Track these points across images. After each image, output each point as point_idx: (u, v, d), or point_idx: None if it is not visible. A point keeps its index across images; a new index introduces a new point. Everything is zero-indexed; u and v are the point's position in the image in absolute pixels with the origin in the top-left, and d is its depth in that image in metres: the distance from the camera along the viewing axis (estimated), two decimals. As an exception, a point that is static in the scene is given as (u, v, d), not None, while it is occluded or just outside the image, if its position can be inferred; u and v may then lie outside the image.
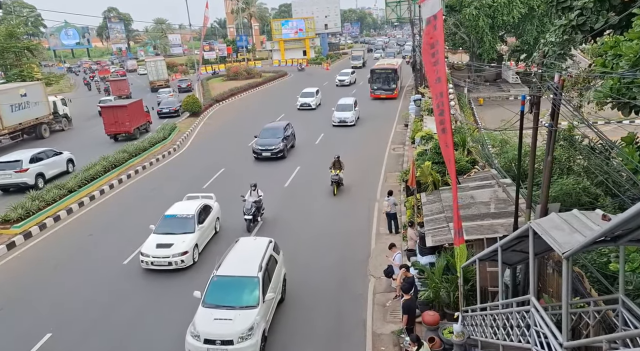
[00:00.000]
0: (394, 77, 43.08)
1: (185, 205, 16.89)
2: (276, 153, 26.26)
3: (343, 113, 33.75)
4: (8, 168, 22.52)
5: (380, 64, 46.86)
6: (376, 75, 43.71)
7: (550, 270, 9.81)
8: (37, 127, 34.53)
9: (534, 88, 10.02)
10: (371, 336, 11.64)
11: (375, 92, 43.27)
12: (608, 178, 12.09)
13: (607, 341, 4.75)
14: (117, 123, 31.96)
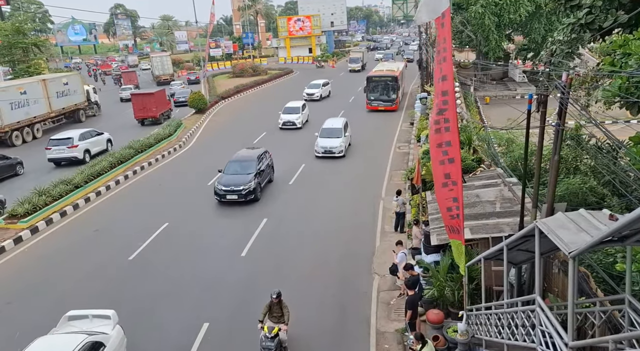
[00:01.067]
0: (394, 86, 37.15)
1: None
2: (245, 195, 19.43)
3: (329, 140, 25.67)
4: (62, 144, 26.46)
5: (378, 70, 41.04)
6: (373, 84, 37.46)
7: (556, 269, 9.76)
8: (75, 112, 38.89)
9: (541, 87, 9.97)
10: (375, 334, 11.65)
11: (372, 103, 37.25)
12: (615, 178, 12.01)
13: (613, 341, 4.72)
14: (145, 109, 35.63)
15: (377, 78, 37.67)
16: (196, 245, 16.55)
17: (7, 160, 25.01)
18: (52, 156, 26.51)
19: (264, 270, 14.69)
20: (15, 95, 31.52)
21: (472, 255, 10.77)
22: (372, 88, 37.46)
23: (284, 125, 33.26)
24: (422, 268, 12.59)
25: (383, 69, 40.90)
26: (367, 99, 37.46)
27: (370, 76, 38.14)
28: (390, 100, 37.04)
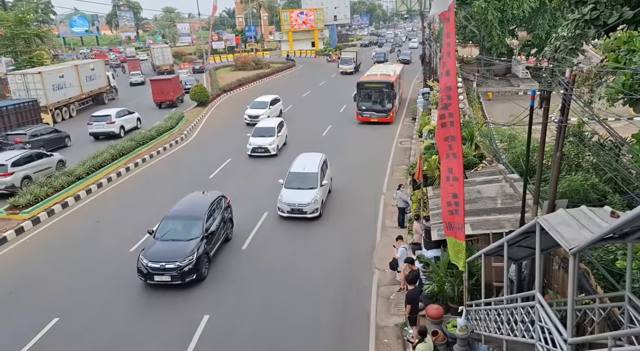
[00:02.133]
0: (389, 94, 31.47)
1: None
2: (179, 276, 13.06)
3: (299, 193, 17.52)
4: (101, 120, 30.69)
5: (372, 74, 34.94)
6: (365, 91, 31.87)
7: (556, 266, 9.78)
8: (99, 95, 42.81)
9: (545, 83, 9.94)
10: (374, 328, 11.69)
11: (363, 113, 31.89)
12: (617, 175, 12.00)
13: (612, 338, 4.73)
14: (163, 93, 39.57)
15: (370, 84, 32.06)
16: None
17: (58, 133, 28.84)
18: (93, 130, 30.58)
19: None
20: (56, 79, 36.37)
21: (473, 251, 10.78)
22: (363, 96, 32.05)
23: (253, 152, 25.16)
24: (423, 264, 12.61)
25: (377, 73, 34.64)
26: (358, 109, 32.09)
27: (361, 82, 32.32)
28: (385, 111, 31.59)
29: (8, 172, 20.13)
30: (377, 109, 31.69)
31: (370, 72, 36.23)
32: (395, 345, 11.12)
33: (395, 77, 33.54)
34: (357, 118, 32.16)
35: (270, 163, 24.38)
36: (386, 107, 31.63)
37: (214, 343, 11.18)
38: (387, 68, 38.23)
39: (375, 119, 31.61)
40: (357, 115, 32.14)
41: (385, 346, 11.07)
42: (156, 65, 63.78)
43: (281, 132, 26.95)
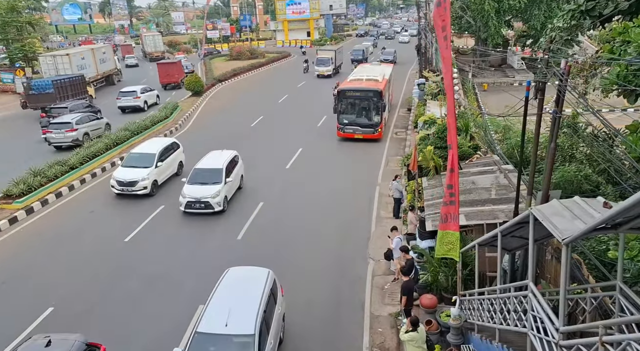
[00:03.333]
0: (377, 105, 25.14)
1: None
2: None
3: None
4: (129, 95, 35.14)
5: (356, 79, 28.16)
6: (347, 101, 25.74)
7: (549, 256, 9.86)
8: (110, 76, 47.35)
9: (540, 74, 9.94)
10: (369, 318, 11.78)
11: (345, 128, 25.69)
12: (610, 166, 12.07)
13: (603, 327, 4.78)
14: (168, 75, 43.26)
15: (353, 92, 25.70)
16: (191, 226, 16.58)
17: (92, 108, 31.54)
18: (121, 104, 34.89)
19: (260, 254, 14.78)
20: (79, 60, 40.94)
21: (467, 242, 10.85)
22: (345, 108, 25.80)
23: (187, 208, 17.29)
24: (417, 254, 12.68)
25: (362, 78, 27.89)
26: (339, 122, 25.83)
27: (342, 90, 25.73)
28: (372, 126, 25.35)
29: (74, 127, 26.18)
30: (362, 123, 25.52)
31: (353, 76, 29.32)
32: (389, 334, 11.21)
33: (384, 83, 26.97)
34: (337, 134, 25.95)
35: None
36: (373, 121, 25.41)
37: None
38: (375, 70, 31.08)
39: (359, 136, 25.50)
40: (338, 131, 25.94)
41: (379, 336, 11.16)
42: (148, 52, 67.02)
43: (233, 174, 18.41)
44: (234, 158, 19.08)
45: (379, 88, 25.35)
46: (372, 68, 33.11)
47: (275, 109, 34.62)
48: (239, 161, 19.54)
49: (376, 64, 37.52)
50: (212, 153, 19.26)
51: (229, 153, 19.09)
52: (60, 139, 26.02)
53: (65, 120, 26.52)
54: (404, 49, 67.51)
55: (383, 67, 33.29)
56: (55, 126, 26.18)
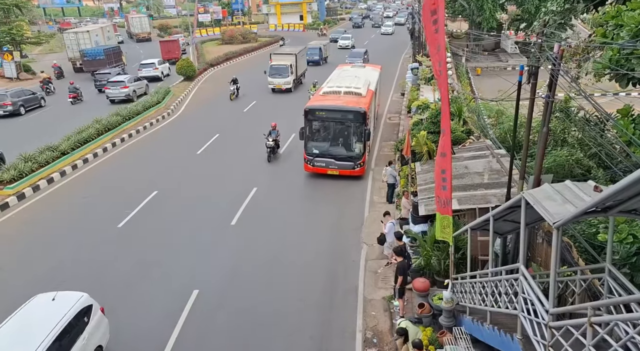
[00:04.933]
0: (358, 129, 18.61)
1: None
2: None
3: None
4: (148, 67, 40.24)
5: (330, 93, 20.51)
6: (318, 124, 19.40)
7: (540, 239, 9.98)
8: None
9: (533, 58, 9.94)
10: (362, 301, 11.90)
11: (315, 161, 18.92)
12: (601, 150, 12.16)
13: (592, 308, 4.87)
14: (169, 51, 47.83)
15: (326, 113, 18.84)
16: (186, 212, 16.58)
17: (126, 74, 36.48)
18: (143, 75, 38.19)
19: (254, 236, 14.84)
20: (95, 37, 46.59)
21: (459, 226, 10.93)
22: (315, 133, 19.35)
23: None
24: (410, 238, 12.78)
25: (340, 90, 20.35)
26: (307, 152, 19.01)
27: (311, 109, 18.81)
28: (351, 158, 18.67)
29: (126, 85, 32.54)
30: (338, 155, 18.74)
31: (328, 87, 21.22)
32: (382, 317, 11.34)
33: (369, 97, 20.10)
34: (305, 168, 19.23)
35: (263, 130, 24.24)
36: (354, 152, 18.67)
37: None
38: (358, 76, 22.76)
39: (334, 171, 18.74)
40: (305, 163, 19.07)
41: (372, 319, 11.29)
42: (134, 33, 68.77)
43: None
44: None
45: (361, 109, 18.20)
46: (354, 73, 24.11)
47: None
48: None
49: (359, 65, 28.67)
50: None
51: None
52: (116, 94, 32.35)
53: (119, 79, 33.16)
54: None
55: (368, 71, 25.33)
56: (112, 84, 32.66)
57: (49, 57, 54.84)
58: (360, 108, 18.33)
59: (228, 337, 10.70)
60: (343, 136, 19.09)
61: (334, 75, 25.36)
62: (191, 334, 10.76)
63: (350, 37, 58.91)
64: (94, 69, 40.21)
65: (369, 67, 27.34)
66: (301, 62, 37.69)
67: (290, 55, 35.55)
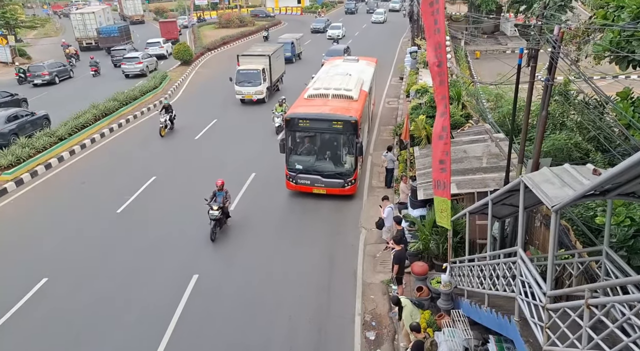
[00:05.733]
0: (348, 142, 15.93)
1: None
2: None
3: None
4: (155, 45, 42.94)
5: (318, 95, 17.61)
6: (301, 135, 16.67)
7: (538, 223, 10.02)
8: None
9: (533, 41, 9.85)
10: (361, 285, 11.99)
11: (299, 179, 16.33)
12: (600, 133, 12.14)
13: (589, 290, 4.91)
14: (169, 31, 49.92)
15: (310, 122, 16.06)
16: (184, 198, 16.59)
17: (137, 51, 39.07)
18: (150, 52, 40.13)
19: (255, 221, 14.88)
20: (99, 18, 49.39)
21: (458, 210, 10.97)
22: (298, 145, 16.69)
23: None
24: (409, 223, 12.82)
25: (327, 93, 17.47)
26: (288, 168, 16.38)
27: (293, 117, 16.05)
28: (341, 174, 16.03)
29: (140, 61, 35.58)
30: (325, 170, 16.09)
31: (314, 89, 18.04)
32: (381, 300, 11.45)
33: (362, 101, 17.43)
34: (287, 186, 16.64)
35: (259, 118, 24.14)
36: (343, 167, 16.04)
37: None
38: (350, 74, 20.04)
39: (320, 189, 16.18)
40: (287, 180, 16.51)
41: (371, 302, 11.40)
42: (127, 15, 68.28)
43: None
44: None
45: (351, 118, 15.48)
46: (345, 70, 21.10)
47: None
48: None
49: (352, 59, 24.67)
50: None
51: None
52: (131, 69, 35.28)
53: (134, 55, 36.01)
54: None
55: (362, 67, 22.60)
56: (127, 60, 35.63)
57: (44, 41, 54.31)
58: (350, 117, 15.53)
59: (228, 320, 10.80)
60: (331, 149, 16.37)
61: (322, 72, 22.50)
62: (191, 318, 10.85)
63: (340, 26, 51.83)
64: (109, 45, 44.07)
65: (363, 62, 24.07)
66: (277, 64, 30.41)
67: (263, 57, 28.38)
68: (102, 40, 46.47)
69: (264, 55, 28.51)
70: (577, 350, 5.01)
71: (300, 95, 18.83)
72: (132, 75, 35.03)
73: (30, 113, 23.08)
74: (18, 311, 11.17)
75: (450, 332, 8.84)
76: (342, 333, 10.43)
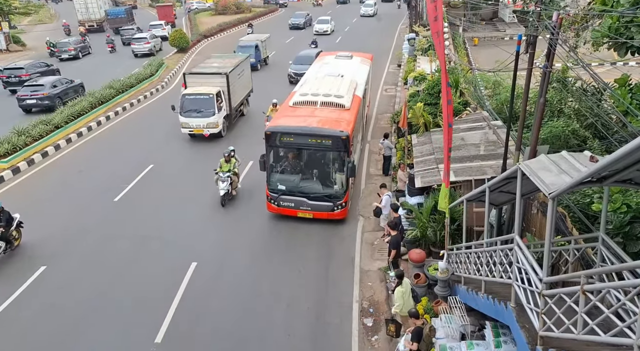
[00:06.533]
0: (338, 159, 13.83)
1: None
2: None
3: None
4: (157, 27, 45.26)
5: (304, 102, 15.34)
6: (284, 152, 14.54)
7: (535, 210, 10.06)
8: None
9: (531, 27, 9.79)
10: (359, 272, 12.06)
11: (282, 200, 14.15)
12: (598, 120, 12.14)
13: (585, 276, 4.94)
14: (166, 15, 52.57)
15: (294, 138, 13.91)
16: (182, 186, 16.57)
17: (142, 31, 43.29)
18: (155, 34, 42.38)
19: (250, 208, 14.89)
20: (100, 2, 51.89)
21: (455, 197, 11.00)
22: (280, 162, 14.69)
23: None
24: (406, 210, 12.86)
25: (316, 100, 15.31)
26: (269, 188, 14.31)
27: (275, 131, 13.90)
28: (330, 196, 14.01)
29: (148, 41, 38.63)
30: (311, 192, 14.00)
31: (301, 95, 15.94)
32: (378, 287, 11.52)
33: (355, 110, 15.32)
34: (268, 208, 14.54)
35: (253, 112, 23.92)
36: (332, 188, 13.99)
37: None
38: (341, 73, 18.17)
39: (306, 213, 14.13)
40: (268, 202, 14.39)
41: (369, 289, 11.47)
42: (120, 1, 69.28)
43: None
44: None
45: (342, 133, 13.39)
46: (337, 69, 18.93)
47: None
48: None
49: (345, 55, 21.64)
50: None
51: None
52: (140, 49, 38.13)
53: (143, 36, 39.30)
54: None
55: (356, 66, 20.32)
56: (136, 40, 38.62)
57: (39, 28, 53.77)
58: (341, 132, 13.39)
59: (226, 307, 10.86)
60: (318, 167, 14.45)
61: (311, 72, 19.82)
62: (190, 305, 10.91)
63: (329, 20, 46.76)
64: (117, 26, 48.22)
65: (357, 59, 21.44)
66: (240, 83, 22.99)
67: (218, 76, 21.16)
68: (110, 21, 50.58)
69: (220, 74, 21.15)
70: (573, 335, 5.06)
71: (285, 101, 16.71)
72: (141, 55, 37.73)
73: (70, 81, 26.69)
74: (17, 299, 11.20)
75: (447, 318, 8.92)
76: (340, 320, 10.51)
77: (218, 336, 10.08)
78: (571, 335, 5.10)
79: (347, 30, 47.97)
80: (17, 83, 27.78)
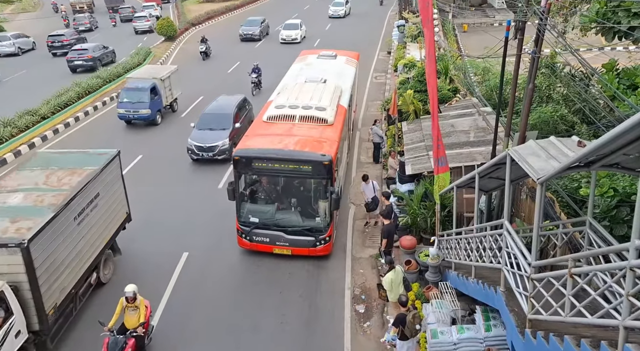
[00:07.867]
0: (322, 185, 11.72)
1: None
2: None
3: None
4: (150, 8, 46.87)
5: (279, 116, 13.38)
6: (258, 178, 12.65)
7: (524, 195, 10.15)
8: None
9: (520, 13, 9.78)
10: (350, 260, 12.14)
11: (255, 235, 12.00)
12: (585, 105, 12.22)
13: (572, 259, 5.01)
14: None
15: (267, 162, 11.74)
16: (173, 175, 16.48)
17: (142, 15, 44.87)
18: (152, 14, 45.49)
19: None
20: None
21: (446, 184, 11.03)
22: (253, 190, 12.91)
23: None
24: (397, 198, 12.90)
25: (294, 114, 13.38)
26: (239, 219, 12.09)
27: (244, 156, 11.75)
28: (311, 230, 11.82)
29: (148, 19, 42.58)
30: (290, 225, 11.96)
31: (276, 107, 14.05)
32: (370, 274, 11.61)
33: (340, 124, 13.57)
34: (239, 243, 12.47)
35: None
36: (313, 221, 11.99)
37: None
38: (325, 77, 16.30)
39: (284, 249, 12.10)
40: (239, 237, 12.38)
41: (360, 276, 11.56)
42: None
43: None
44: None
45: (325, 157, 11.45)
46: (320, 73, 16.89)
47: None
48: None
49: (328, 55, 19.57)
50: None
51: None
52: (141, 26, 41.73)
53: (143, 14, 43.24)
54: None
55: (340, 66, 18.60)
56: (137, 18, 42.67)
57: (22, 16, 52.72)
58: (323, 156, 11.40)
59: (219, 296, 10.90)
60: (297, 196, 12.49)
61: (289, 77, 17.62)
62: (183, 295, 10.93)
63: (299, 25, 36.58)
64: (114, 5, 51.76)
65: (342, 59, 19.33)
66: (83, 237, 11.02)
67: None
68: (107, 1, 54.08)
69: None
70: (561, 317, 5.15)
71: (258, 115, 14.78)
72: (141, 32, 41.56)
73: (105, 47, 31.84)
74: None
75: (438, 304, 9.03)
76: (332, 307, 10.59)
77: (211, 325, 10.12)
78: (559, 317, 5.19)
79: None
80: (60, 47, 34.13)
